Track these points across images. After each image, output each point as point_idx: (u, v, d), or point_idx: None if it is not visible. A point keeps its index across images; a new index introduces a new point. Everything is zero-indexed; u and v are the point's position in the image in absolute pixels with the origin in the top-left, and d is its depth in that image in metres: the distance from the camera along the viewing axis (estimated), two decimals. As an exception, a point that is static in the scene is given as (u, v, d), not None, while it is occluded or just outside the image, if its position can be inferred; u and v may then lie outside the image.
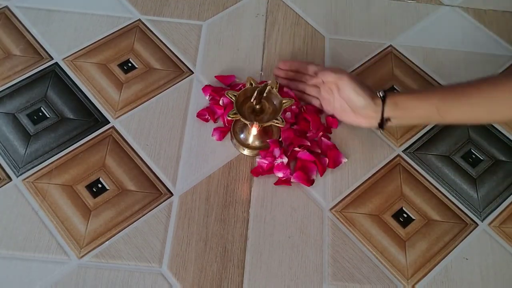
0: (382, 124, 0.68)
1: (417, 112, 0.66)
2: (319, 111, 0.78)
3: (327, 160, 0.74)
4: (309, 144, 0.73)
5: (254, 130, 0.70)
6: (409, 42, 0.89)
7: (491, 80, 0.63)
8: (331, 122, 0.78)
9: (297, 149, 0.73)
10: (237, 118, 0.67)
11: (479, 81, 0.63)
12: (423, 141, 0.78)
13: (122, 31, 0.87)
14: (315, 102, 0.76)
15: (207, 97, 0.79)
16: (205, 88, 0.80)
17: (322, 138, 0.75)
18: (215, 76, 0.81)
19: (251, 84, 0.69)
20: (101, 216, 0.69)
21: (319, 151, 0.74)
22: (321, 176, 0.73)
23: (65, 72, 0.81)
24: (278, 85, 0.69)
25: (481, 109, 0.63)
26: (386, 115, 0.66)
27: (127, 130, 0.76)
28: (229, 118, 0.67)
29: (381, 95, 0.66)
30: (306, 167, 0.72)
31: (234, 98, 0.68)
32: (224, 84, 0.81)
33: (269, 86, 0.68)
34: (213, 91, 0.79)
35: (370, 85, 0.70)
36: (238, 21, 0.89)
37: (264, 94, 0.67)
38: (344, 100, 0.69)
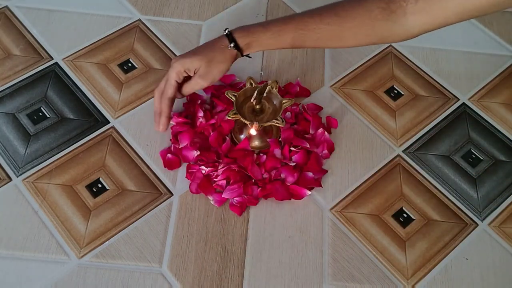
0: (242, 54, 0.67)
1: (271, 47, 0.68)
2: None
3: (323, 160, 0.74)
4: (308, 146, 0.73)
5: (253, 131, 0.70)
6: (409, 42, 0.88)
7: (341, 13, 0.63)
8: (331, 122, 0.78)
9: (293, 149, 0.73)
10: (237, 118, 0.67)
11: (329, 14, 0.64)
12: (423, 141, 0.78)
13: (122, 31, 0.87)
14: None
15: (208, 96, 0.79)
16: (207, 88, 0.80)
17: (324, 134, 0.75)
18: None
19: (251, 84, 0.69)
20: (101, 216, 0.69)
21: (316, 150, 0.74)
22: (319, 172, 0.73)
23: (65, 72, 0.81)
24: (278, 85, 0.69)
25: (331, 42, 0.67)
26: (245, 51, 0.67)
27: (127, 130, 0.76)
28: (229, 118, 0.67)
29: (227, 33, 0.66)
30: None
31: (234, 98, 0.68)
32: (224, 83, 0.81)
33: (269, 86, 0.68)
34: (215, 90, 0.79)
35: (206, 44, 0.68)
36: (238, 21, 0.89)
37: (264, 94, 0.67)
38: (191, 71, 0.67)
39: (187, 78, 0.68)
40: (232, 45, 0.65)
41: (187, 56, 0.66)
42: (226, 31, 0.66)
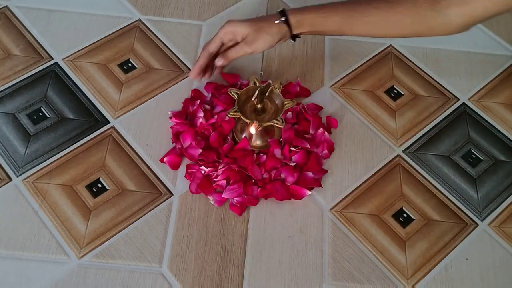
0: (293, 36, 0.72)
1: (320, 28, 0.71)
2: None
3: (323, 160, 0.74)
4: (308, 146, 0.73)
5: (252, 129, 0.70)
6: (409, 42, 0.89)
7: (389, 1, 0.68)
8: (331, 122, 0.78)
9: (293, 149, 0.73)
10: (238, 116, 0.67)
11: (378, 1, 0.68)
12: (423, 141, 0.78)
13: (122, 31, 0.87)
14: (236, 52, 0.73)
15: (208, 94, 0.79)
16: (207, 86, 0.80)
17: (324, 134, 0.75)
18: (221, 74, 0.81)
19: (254, 83, 0.69)
20: (101, 216, 0.69)
21: (316, 150, 0.74)
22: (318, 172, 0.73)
23: (65, 72, 0.81)
24: (281, 86, 0.69)
25: (378, 28, 0.71)
26: (294, 28, 0.70)
27: (127, 130, 0.76)
28: (229, 116, 0.67)
29: (280, 10, 0.70)
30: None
31: (236, 96, 0.68)
32: (227, 83, 0.81)
33: (272, 86, 0.67)
34: (215, 89, 0.79)
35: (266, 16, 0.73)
36: (238, 21, 0.89)
37: (266, 94, 0.67)
38: (242, 38, 0.71)
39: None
40: (282, 19, 0.69)
41: (238, 21, 0.71)
42: (281, 8, 0.70)
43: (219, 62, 0.73)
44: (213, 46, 0.73)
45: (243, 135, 0.74)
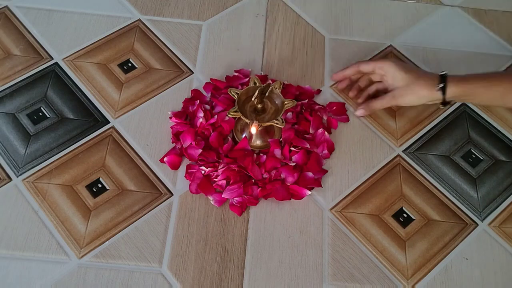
0: (445, 103, 0.71)
1: (476, 100, 0.70)
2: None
3: (323, 160, 0.74)
4: (308, 146, 0.73)
5: (253, 129, 0.70)
6: (409, 42, 0.89)
7: None
8: (331, 122, 0.78)
9: (293, 149, 0.73)
10: (238, 116, 0.67)
11: None
12: (423, 141, 0.78)
13: (122, 31, 0.87)
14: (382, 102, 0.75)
15: (208, 94, 0.79)
16: (207, 86, 0.80)
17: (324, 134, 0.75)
18: (211, 79, 0.81)
19: (254, 83, 0.69)
20: (101, 216, 0.69)
21: (316, 150, 0.74)
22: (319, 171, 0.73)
23: (65, 72, 0.81)
24: (282, 86, 0.69)
25: None
26: (448, 96, 0.69)
27: (127, 130, 0.76)
28: (230, 116, 0.67)
29: (442, 74, 0.69)
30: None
31: (236, 96, 0.68)
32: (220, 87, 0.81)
33: (272, 86, 0.67)
34: (214, 89, 0.79)
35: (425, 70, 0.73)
36: (238, 21, 0.89)
37: (266, 94, 0.67)
38: (391, 83, 0.73)
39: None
40: (441, 85, 0.67)
41: (399, 66, 0.72)
42: (443, 72, 0.69)
43: (360, 112, 0.77)
44: (365, 67, 0.75)
45: (243, 135, 0.74)
